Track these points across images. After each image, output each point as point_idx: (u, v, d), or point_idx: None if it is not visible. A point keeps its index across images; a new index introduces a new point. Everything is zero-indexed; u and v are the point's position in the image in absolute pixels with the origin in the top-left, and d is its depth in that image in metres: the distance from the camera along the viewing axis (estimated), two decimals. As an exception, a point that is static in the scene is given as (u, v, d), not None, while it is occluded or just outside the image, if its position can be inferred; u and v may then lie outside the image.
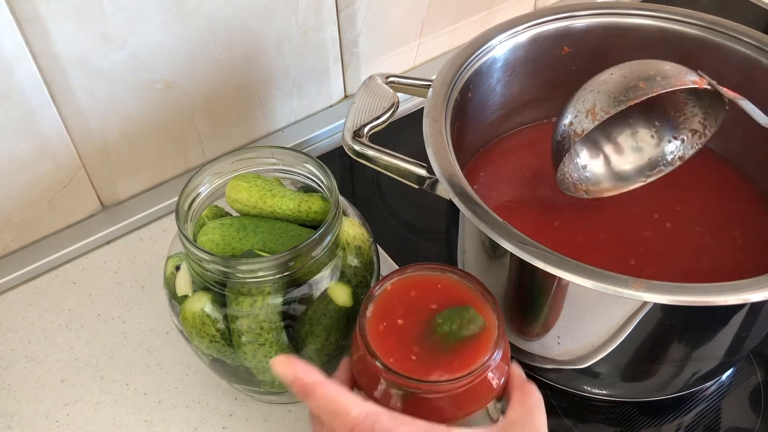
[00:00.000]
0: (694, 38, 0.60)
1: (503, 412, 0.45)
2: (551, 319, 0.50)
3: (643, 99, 0.51)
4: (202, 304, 0.48)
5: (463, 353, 0.44)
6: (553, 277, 0.44)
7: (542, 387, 0.57)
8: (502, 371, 0.46)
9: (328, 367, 0.53)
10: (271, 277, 0.46)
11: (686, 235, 0.59)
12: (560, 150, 0.55)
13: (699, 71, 0.53)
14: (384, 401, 0.45)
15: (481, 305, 0.46)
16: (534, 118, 0.68)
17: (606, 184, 0.60)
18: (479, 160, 0.65)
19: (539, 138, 0.67)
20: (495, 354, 0.44)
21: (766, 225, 0.60)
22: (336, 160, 0.77)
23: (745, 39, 0.58)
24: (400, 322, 0.46)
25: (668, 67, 0.53)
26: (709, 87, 0.52)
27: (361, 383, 0.46)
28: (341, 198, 0.51)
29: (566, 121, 0.54)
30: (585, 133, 0.53)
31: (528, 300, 0.51)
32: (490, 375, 0.45)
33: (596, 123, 0.52)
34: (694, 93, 0.56)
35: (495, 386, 0.45)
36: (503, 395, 0.46)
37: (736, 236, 0.58)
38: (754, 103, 0.59)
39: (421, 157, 0.53)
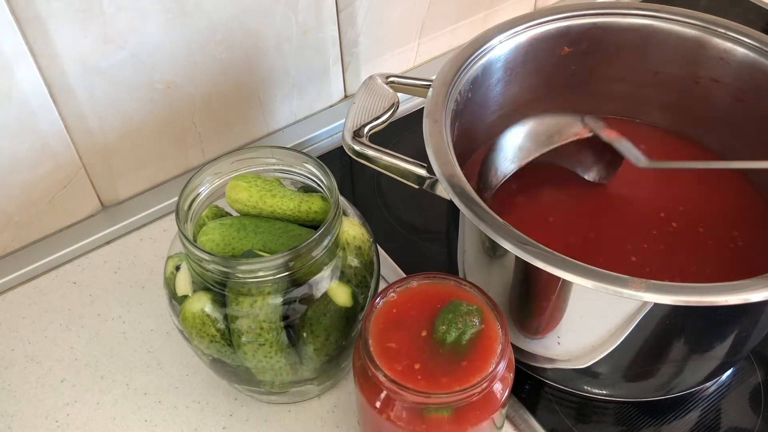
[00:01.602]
0: (694, 38, 0.60)
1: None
2: (551, 319, 0.50)
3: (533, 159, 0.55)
4: (202, 304, 0.48)
5: (468, 364, 0.44)
6: (553, 277, 0.44)
7: (542, 387, 0.58)
8: (507, 381, 0.46)
9: (328, 367, 0.53)
10: (271, 277, 0.46)
11: (689, 234, 0.59)
12: None
13: (585, 119, 0.57)
14: (387, 412, 0.45)
15: (484, 315, 0.46)
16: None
17: None
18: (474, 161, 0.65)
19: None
20: (500, 365, 0.44)
21: (766, 226, 0.60)
22: (336, 160, 0.77)
23: (745, 39, 0.58)
24: (403, 333, 0.46)
25: (559, 121, 0.57)
26: (590, 134, 0.55)
27: (363, 393, 0.46)
28: (341, 198, 0.51)
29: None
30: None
31: (528, 300, 0.51)
32: (495, 386, 0.45)
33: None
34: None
35: (500, 397, 0.45)
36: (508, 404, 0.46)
37: (736, 237, 0.58)
38: (755, 104, 0.60)
39: (421, 157, 0.53)
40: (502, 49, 0.60)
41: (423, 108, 0.55)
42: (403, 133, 0.77)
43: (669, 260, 0.57)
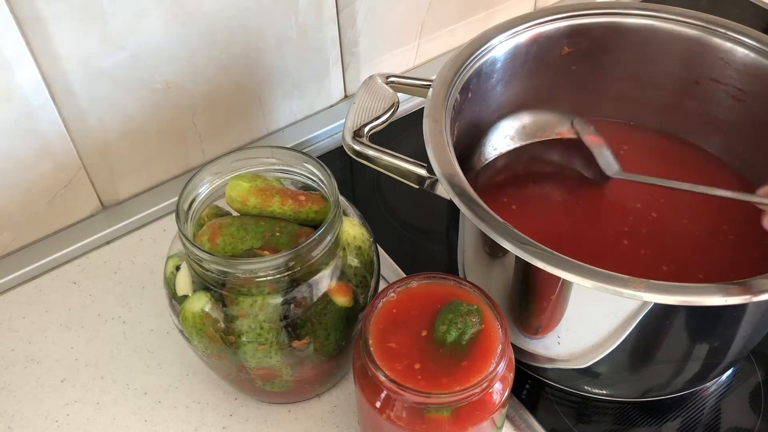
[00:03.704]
0: (694, 38, 0.60)
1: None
2: (551, 319, 0.50)
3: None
4: (202, 304, 0.48)
5: (468, 364, 0.44)
6: (553, 277, 0.44)
7: (542, 387, 0.58)
8: (507, 381, 0.46)
9: (328, 366, 0.53)
10: (271, 278, 0.46)
11: (671, 224, 0.59)
12: None
13: (574, 121, 0.60)
14: (387, 412, 0.45)
15: (484, 315, 0.46)
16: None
17: None
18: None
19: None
20: (500, 365, 0.44)
21: (756, 219, 0.60)
22: (336, 160, 0.77)
23: (745, 39, 0.58)
24: (403, 333, 0.46)
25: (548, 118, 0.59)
26: (574, 136, 0.57)
27: (364, 393, 0.46)
28: (341, 198, 0.51)
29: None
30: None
31: (528, 300, 0.51)
32: (495, 386, 0.45)
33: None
34: None
35: (500, 397, 0.45)
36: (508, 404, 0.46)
37: (726, 230, 0.58)
38: (755, 104, 0.60)
39: (421, 157, 0.53)
40: (502, 49, 0.60)
41: (423, 108, 0.55)
42: (403, 133, 0.77)
43: (654, 246, 0.57)
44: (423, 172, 0.53)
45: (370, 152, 0.55)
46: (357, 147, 0.55)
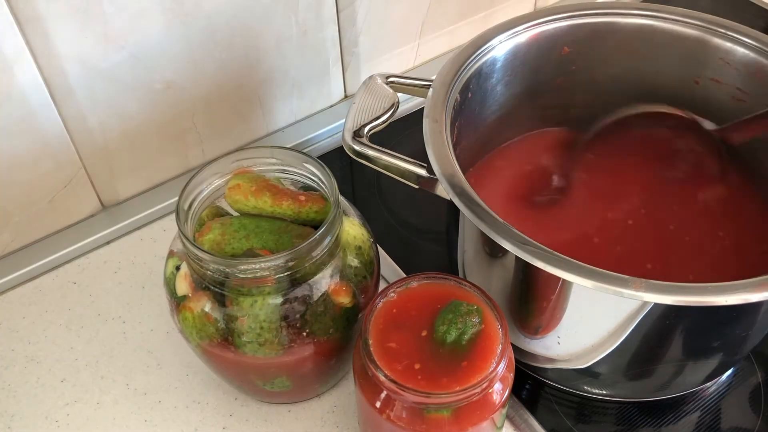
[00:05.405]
0: (694, 38, 0.60)
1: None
2: (551, 319, 0.50)
3: None
4: (202, 304, 0.48)
5: (468, 364, 0.44)
6: (553, 277, 0.44)
7: (542, 387, 0.58)
8: (507, 381, 0.46)
9: (328, 366, 0.53)
10: (271, 277, 0.46)
11: (651, 231, 0.59)
12: None
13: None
14: (387, 412, 0.45)
15: (484, 315, 0.46)
16: (533, 118, 0.68)
17: None
18: (481, 166, 0.65)
19: (539, 148, 0.67)
20: (500, 365, 0.44)
21: (753, 224, 0.60)
22: (336, 160, 0.77)
23: (745, 39, 0.58)
24: (403, 333, 0.46)
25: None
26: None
27: (364, 393, 0.46)
28: (341, 198, 0.51)
29: None
30: None
31: (528, 300, 0.51)
32: (495, 386, 0.45)
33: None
34: None
35: (500, 397, 0.45)
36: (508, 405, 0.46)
37: (722, 236, 0.59)
38: (756, 105, 0.60)
39: (421, 157, 0.53)
40: (502, 49, 0.60)
41: (423, 108, 0.55)
42: (403, 133, 0.77)
43: (631, 245, 0.57)
44: (423, 172, 0.53)
45: (370, 152, 0.55)
46: (357, 147, 0.55)
